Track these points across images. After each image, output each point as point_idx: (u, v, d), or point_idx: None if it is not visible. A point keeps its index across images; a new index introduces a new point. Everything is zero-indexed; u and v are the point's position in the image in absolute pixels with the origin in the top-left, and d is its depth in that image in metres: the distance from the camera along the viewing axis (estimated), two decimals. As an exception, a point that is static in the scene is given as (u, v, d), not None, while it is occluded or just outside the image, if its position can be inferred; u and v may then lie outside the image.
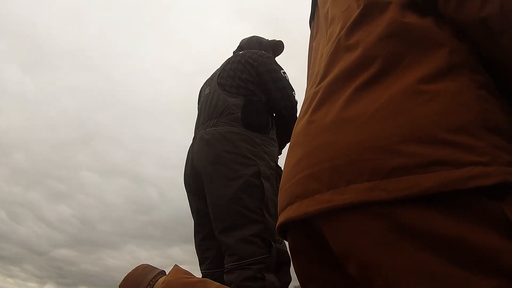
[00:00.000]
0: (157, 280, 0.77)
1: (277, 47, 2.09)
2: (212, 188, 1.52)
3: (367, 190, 0.41)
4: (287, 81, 1.72)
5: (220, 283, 1.24)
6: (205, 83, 1.91)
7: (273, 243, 1.41)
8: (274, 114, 1.72)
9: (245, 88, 1.67)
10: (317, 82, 0.55)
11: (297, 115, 1.69)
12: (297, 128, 0.56)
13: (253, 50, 1.84)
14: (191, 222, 1.69)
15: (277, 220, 1.63)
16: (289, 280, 1.48)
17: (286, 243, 1.45)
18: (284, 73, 1.75)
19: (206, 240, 1.61)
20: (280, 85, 1.68)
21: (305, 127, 0.52)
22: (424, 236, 0.38)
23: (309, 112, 0.53)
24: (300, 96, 1.79)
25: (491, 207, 0.38)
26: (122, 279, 0.76)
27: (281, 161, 1.80)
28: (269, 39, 2.07)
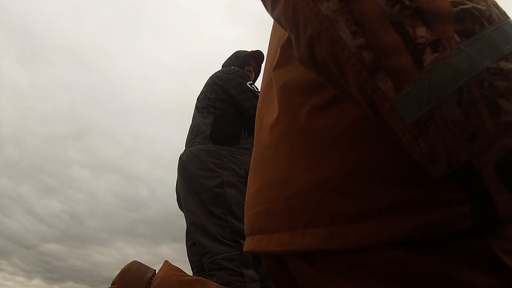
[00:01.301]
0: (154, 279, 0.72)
1: (256, 57, 2.17)
2: (187, 202, 1.67)
3: (326, 237, 0.37)
4: (253, 91, 1.82)
5: None
6: None
7: (241, 241, 1.49)
8: (247, 124, 1.81)
9: (213, 107, 1.81)
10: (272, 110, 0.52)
11: None
12: (256, 150, 0.52)
13: (223, 69, 1.99)
14: (180, 220, 1.78)
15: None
16: None
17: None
18: (251, 84, 1.86)
19: (194, 246, 1.71)
20: (245, 96, 1.78)
21: (263, 153, 0.49)
22: (401, 279, 0.34)
23: (267, 136, 0.49)
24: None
25: (475, 242, 0.33)
26: (117, 274, 0.70)
27: None
28: (249, 51, 2.15)
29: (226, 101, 1.81)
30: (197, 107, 1.92)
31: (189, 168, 1.69)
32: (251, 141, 1.81)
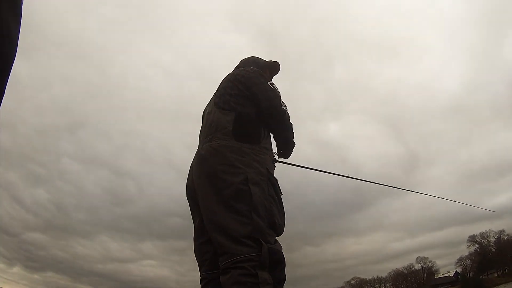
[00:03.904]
0: None
1: (273, 67, 2.20)
2: (205, 197, 1.61)
3: None
4: (274, 91, 1.82)
5: (216, 283, 1.49)
6: (207, 105, 2.03)
7: (263, 242, 1.45)
8: (266, 123, 1.79)
9: (235, 102, 1.77)
10: None
11: (287, 121, 1.84)
12: None
13: (243, 68, 1.98)
14: (165, 219, 1.48)
15: (268, 221, 1.62)
16: (283, 278, 1.52)
17: (280, 243, 1.59)
18: (272, 84, 1.86)
19: (205, 244, 1.67)
20: (266, 95, 1.77)
21: None
22: None
23: None
24: (288, 105, 1.88)
25: None
26: None
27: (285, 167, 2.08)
28: (266, 60, 2.18)
29: (247, 98, 1.78)
30: (215, 103, 1.87)
31: (210, 163, 1.63)
32: (270, 141, 1.84)
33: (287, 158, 1.97)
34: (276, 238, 1.60)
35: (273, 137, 1.86)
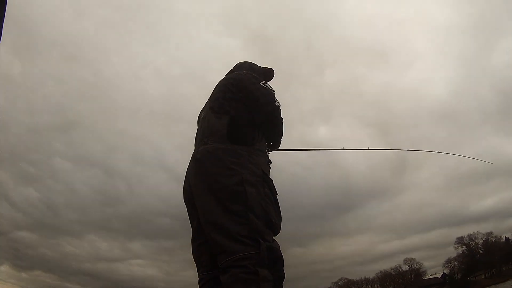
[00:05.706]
0: None
1: (267, 73, 2.23)
2: (202, 200, 1.63)
3: None
4: (267, 89, 1.86)
5: (216, 282, 1.52)
6: (201, 110, 2.06)
7: (261, 240, 1.46)
8: (260, 120, 1.82)
9: (229, 106, 1.81)
10: None
11: (279, 116, 1.89)
12: None
13: (236, 72, 2.04)
14: (154, 219, 1.51)
15: (265, 221, 1.65)
16: (282, 275, 1.55)
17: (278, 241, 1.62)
18: (265, 83, 1.90)
19: (202, 245, 1.68)
20: (259, 93, 1.81)
21: None
22: None
23: None
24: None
25: None
26: None
27: (277, 165, 2.01)
28: (261, 66, 2.23)
29: (240, 101, 1.81)
30: (210, 108, 1.90)
31: (206, 166, 1.65)
32: (264, 143, 1.88)
33: (277, 148, 2.05)
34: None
35: (266, 131, 1.91)
